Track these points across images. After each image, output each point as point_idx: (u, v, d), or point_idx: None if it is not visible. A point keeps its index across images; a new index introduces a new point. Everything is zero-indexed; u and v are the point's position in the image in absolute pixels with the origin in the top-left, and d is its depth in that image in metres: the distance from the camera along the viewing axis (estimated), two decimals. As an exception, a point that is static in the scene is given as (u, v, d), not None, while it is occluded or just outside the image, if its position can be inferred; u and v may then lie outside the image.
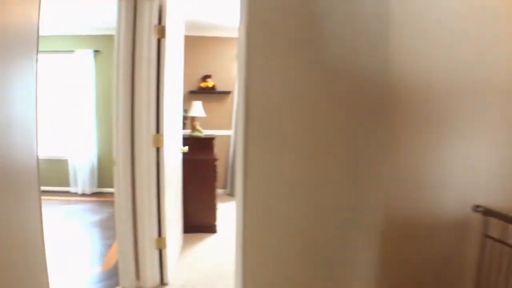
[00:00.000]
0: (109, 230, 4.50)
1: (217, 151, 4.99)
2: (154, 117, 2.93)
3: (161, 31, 2.89)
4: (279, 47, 1.95)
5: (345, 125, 2.01)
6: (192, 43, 5.94)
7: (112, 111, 2.83)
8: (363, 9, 1.94)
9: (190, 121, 5.17)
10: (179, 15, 3.52)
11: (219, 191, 5.43)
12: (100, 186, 6.57)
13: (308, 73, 1.97)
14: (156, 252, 3.05)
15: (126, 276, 2.96)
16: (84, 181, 6.43)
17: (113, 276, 3.21)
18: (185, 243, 4.18)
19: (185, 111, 4.99)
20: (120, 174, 2.84)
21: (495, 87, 2.05)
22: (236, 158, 2.09)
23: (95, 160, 6.49)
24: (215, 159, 4.55)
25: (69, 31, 6.18)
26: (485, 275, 2.06)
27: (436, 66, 2.00)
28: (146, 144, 2.90)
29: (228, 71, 6.42)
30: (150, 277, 3.03)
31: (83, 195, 6.38)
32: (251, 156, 1.99)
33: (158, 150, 2.98)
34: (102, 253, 3.82)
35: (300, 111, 1.99)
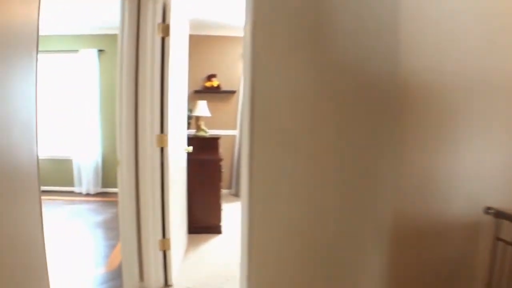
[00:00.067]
0: (113, 231, 4.49)
1: (222, 151, 4.97)
2: (158, 116, 2.90)
3: (165, 29, 2.85)
4: (285, 46, 1.93)
5: (353, 124, 1.98)
6: (197, 42, 5.94)
7: (116, 111, 2.80)
8: (371, 6, 1.91)
9: (194, 120, 5.14)
10: (183, 14, 3.49)
11: (224, 192, 5.40)
12: (104, 186, 6.58)
13: (315, 72, 1.94)
14: (160, 253, 3.02)
15: (129, 277, 2.92)
16: (88, 181, 6.44)
17: (117, 277, 3.18)
18: (190, 244, 4.15)
19: (190, 110, 4.97)
20: (123, 174, 2.81)
21: (509, 86, 2.00)
22: (241, 158, 2.07)
23: (99, 160, 6.50)
24: (220, 159, 4.52)
25: (73, 30, 6.19)
26: (496, 278, 2.02)
27: (447, 63, 1.95)
28: (150, 144, 2.86)
29: (233, 71, 6.40)
30: (154, 279, 3.00)
31: (87, 195, 6.39)
32: (256, 156, 1.97)
33: (163, 150, 2.95)
34: (106, 254, 3.80)
35: (307, 111, 1.96)
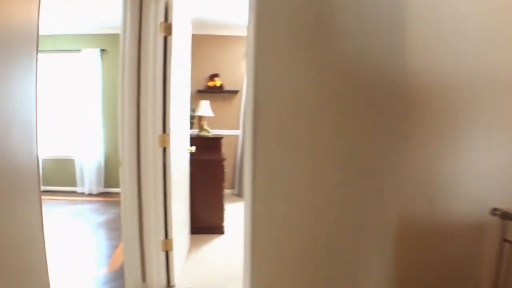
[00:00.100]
0: (115, 231, 4.48)
1: (225, 151, 4.96)
2: (161, 116, 2.88)
3: (167, 28, 2.84)
4: (289, 45, 1.91)
5: (357, 124, 1.96)
6: (200, 41, 5.93)
7: (118, 111, 2.79)
8: (375, 6, 1.90)
9: (197, 120, 5.12)
10: (186, 13, 3.48)
11: (226, 192, 5.39)
12: (107, 186, 6.57)
13: (318, 72, 1.93)
14: (162, 254, 3.00)
15: (132, 278, 2.90)
16: (91, 181, 6.44)
17: (119, 278, 3.17)
18: (192, 244, 4.13)
19: (193, 110, 4.96)
20: (126, 174, 2.79)
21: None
22: (244, 158, 2.05)
23: (102, 160, 6.49)
24: (222, 159, 4.50)
25: (75, 30, 6.19)
26: (503, 280, 2.00)
27: (450, 63, 1.94)
28: (152, 144, 2.85)
29: (236, 70, 6.38)
30: (157, 279, 2.99)
31: (90, 195, 6.39)
32: (259, 156, 1.96)
33: (165, 150, 2.94)
34: (108, 254, 3.79)
35: (310, 110, 1.95)
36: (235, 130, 6.47)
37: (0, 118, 1.35)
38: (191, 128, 4.37)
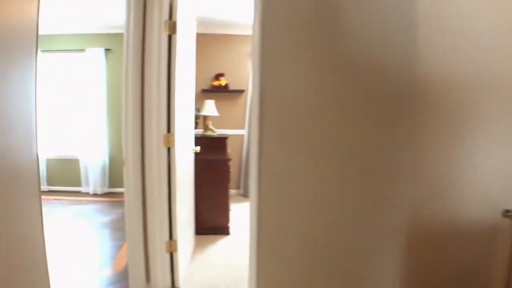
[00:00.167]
0: (119, 231, 4.46)
1: (230, 151, 4.93)
2: (165, 116, 2.85)
3: (171, 27, 2.80)
4: (295, 44, 1.88)
5: (364, 124, 1.92)
6: (204, 41, 5.91)
7: (122, 110, 2.76)
8: (383, 4, 1.85)
9: (202, 120, 5.10)
10: (190, 12, 3.44)
11: (232, 192, 5.36)
12: (111, 186, 6.56)
13: (326, 70, 1.90)
14: (167, 255, 2.97)
15: (136, 279, 2.88)
16: (95, 181, 6.42)
17: (123, 279, 3.14)
18: (197, 245, 4.10)
19: (197, 110, 4.93)
20: (129, 174, 2.76)
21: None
22: (249, 158, 2.02)
23: (106, 160, 6.48)
24: (228, 159, 4.46)
25: (79, 29, 6.19)
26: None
27: (464, 63, 1.89)
28: (156, 144, 2.81)
29: (241, 70, 6.34)
30: (161, 281, 2.95)
31: (95, 195, 6.38)
32: (265, 156, 1.93)
33: (169, 150, 2.90)
34: (112, 255, 3.76)
35: (318, 109, 1.91)
36: (240, 129, 6.43)
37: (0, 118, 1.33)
38: (196, 127, 4.34)
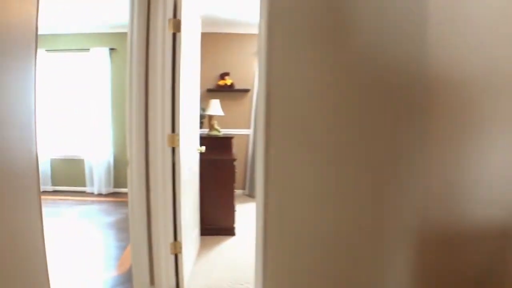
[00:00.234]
0: (124, 232, 4.43)
1: (236, 150, 4.89)
2: (170, 116, 2.81)
3: (176, 25, 2.76)
4: (302, 42, 1.85)
5: (374, 123, 1.88)
6: (210, 40, 5.88)
7: (126, 110, 2.73)
8: (394, 1, 1.81)
9: (207, 120, 5.08)
10: (195, 10, 3.41)
11: (237, 192, 5.32)
12: (116, 186, 6.55)
13: (333, 68, 1.86)
14: (171, 257, 2.93)
15: (140, 281, 2.84)
16: (100, 181, 6.42)
17: (127, 281, 3.11)
18: (202, 246, 4.07)
19: (203, 109, 4.90)
20: (134, 174, 2.73)
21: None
22: (255, 158, 1.99)
23: (111, 160, 6.47)
24: (233, 159, 4.42)
25: (84, 29, 6.18)
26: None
27: (477, 63, 1.84)
28: (161, 144, 2.78)
29: (247, 69, 6.30)
30: (165, 283, 2.91)
31: (99, 195, 6.37)
32: (272, 156, 1.91)
33: (174, 150, 2.86)
34: (117, 256, 3.73)
35: (325, 109, 1.88)
36: (245, 129, 6.39)
37: (-1, 117, 1.30)
38: (201, 127, 4.32)
